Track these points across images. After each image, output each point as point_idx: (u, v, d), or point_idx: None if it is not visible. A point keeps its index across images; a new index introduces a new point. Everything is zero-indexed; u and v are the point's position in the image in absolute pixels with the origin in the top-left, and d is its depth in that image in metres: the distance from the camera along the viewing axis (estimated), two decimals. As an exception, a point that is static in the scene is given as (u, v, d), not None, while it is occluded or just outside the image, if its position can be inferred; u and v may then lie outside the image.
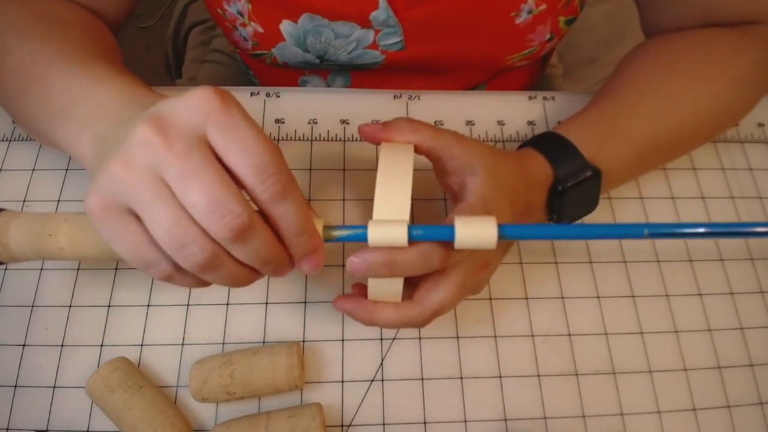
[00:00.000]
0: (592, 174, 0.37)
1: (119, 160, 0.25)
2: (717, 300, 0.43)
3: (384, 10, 0.45)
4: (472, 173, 0.33)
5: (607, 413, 0.39)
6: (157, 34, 1.48)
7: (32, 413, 0.37)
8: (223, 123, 0.25)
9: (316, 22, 0.47)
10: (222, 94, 0.26)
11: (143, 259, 0.27)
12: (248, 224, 0.26)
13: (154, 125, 0.25)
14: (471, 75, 0.56)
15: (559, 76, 0.77)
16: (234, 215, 0.25)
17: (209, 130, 0.26)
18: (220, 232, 0.25)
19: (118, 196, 0.26)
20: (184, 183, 0.25)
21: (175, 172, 0.25)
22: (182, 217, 0.25)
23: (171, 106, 0.26)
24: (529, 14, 0.47)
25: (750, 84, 0.43)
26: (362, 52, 0.50)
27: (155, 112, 0.26)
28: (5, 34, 0.38)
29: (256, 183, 0.26)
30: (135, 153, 0.25)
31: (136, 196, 0.25)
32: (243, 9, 0.48)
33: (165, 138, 0.25)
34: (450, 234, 0.29)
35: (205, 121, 0.25)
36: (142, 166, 0.25)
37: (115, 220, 0.26)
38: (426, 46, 0.49)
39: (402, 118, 0.35)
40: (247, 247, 0.27)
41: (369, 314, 0.33)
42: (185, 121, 0.25)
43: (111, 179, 0.25)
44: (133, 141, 0.25)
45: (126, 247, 0.27)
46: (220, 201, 0.25)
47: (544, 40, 0.50)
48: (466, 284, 0.33)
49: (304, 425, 0.34)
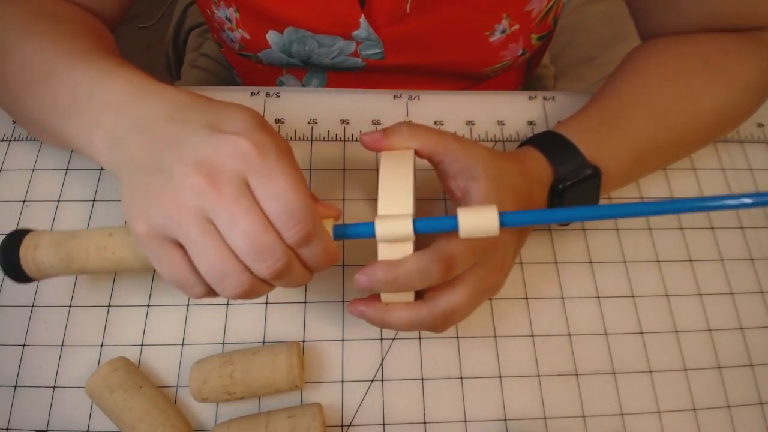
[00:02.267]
0: (592, 173, 0.37)
1: (172, 203, 0.28)
2: (717, 300, 0.43)
3: (365, 29, 0.47)
4: (475, 178, 0.33)
5: (607, 413, 0.39)
6: (157, 33, 1.48)
7: (32, 413, 0.37)
8: (260, 171, 0.28)
9: (301, 33, 0.49)
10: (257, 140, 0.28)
11: (182, 282, 0.30)
12: (287, 266, 0.29)
13: (205, 174, 0.28)
14: (449, 81, 0.57)
15: (551, 77, 0.77)
16: (275, 260, 0.28)
17: (250, 177, 0.28)
18: (264, 273, 0.29)
19: (167, 229, 0.28)
20: (232, 228, 0.28)
21: (224, 217, 0.28)
22: (225, 254, 0.28)
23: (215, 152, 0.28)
24: (502, 33, 0.49)
25: (753, 89, 0.43)
26: (344, 59, 0.52)
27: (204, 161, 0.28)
28: (6, 32, 0.38)
29: (284, 229, 0.28)
30: (187, 198, 0.28)
31: (184, 233, 0.28)
32: (231, 16, 0.49)
33: (215, 186, 0.27)
34: (453, 224, 0.30)
35: (246, 167, 0.28)
36: (193, 209, 0.28)
37: (159, 246, 0.29)
38: (404, 56, 0.51)
39: (402, 123, 0.35)
40: (283, 282, 0.30)
41: (381, 314, 0.34)
42: (230, 167, 0.28)
43: (162, 214, 0.28)
44: (186, 186, 0.28)
45: (167, 270, 0.30)
46: (264, 247, 0.28)
47: (516, 56, 0.52)
48: (481, 288, 0.33)
49: (304, 425, 0.34)
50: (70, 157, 0.45)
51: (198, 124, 0.30)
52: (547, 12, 0.49)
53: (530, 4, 0.47)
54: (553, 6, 0.49)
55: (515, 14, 0.48)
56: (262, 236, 0.28)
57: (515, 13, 0.47)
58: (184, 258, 0.29)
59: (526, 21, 0.48)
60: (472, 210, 0.30)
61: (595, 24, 0.84)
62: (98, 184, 0.44)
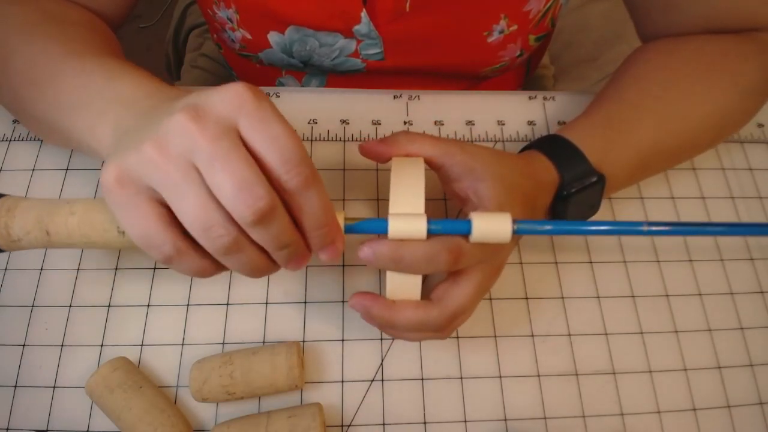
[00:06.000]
0: (597, 180, 0.37)
1: (153, 143, 0.26)
2: (717, 300, 0.43)
3: (366, 24, 0.47)
4: (480, 179, 0.33)
5: (607, 413, 0.39)
6: (157, 34, 1.48)
7: (32, 413, 0.37)
8: (254, 115, 0.26)
9: (302, 32, 0.49)
10: (255, 90, 0.27)
11: (150, 238, 0.27)
12: (271, 207, 0.26)
13: (191, 113, 0.26)
14: (447, 83, 0.57)
15: (551, 77, 0.77)
16: (258, 197, 0.26)
17: (240, 121, 0.26)
18: (244, 213, 0.26)
19: (145, 176, 0.26)
20: (213, 164, 0.26)
21: (205, 154, 0.26)
22: (209, 201, 0.26)
23: (206, 97, 0.27)
24: (500, 34, 0.49)
25: (755, 91, 0.43)
26: (344, 60, 0.52)
27: (191, 102, 0.27)
28: (12, 33, 0.38)
29: (282, 172, 0.27)
30: (169, 138, 0.26)
31: (166, 178, 0.26)
32: (232, 16, 0.49)
33: (199, 124, 0.26)
34: (467, 228, 0.30)
35: (237, 112, 0.26)
36: (176, 150, 0.26)
37: (130, 196, 0.27)
38: (403, 57, 0.51)
39: (400, 133, 0.35)
40: (267, 231, 0.27)
41: (388, 311, 0.32)
42: (219, 110, 0.26)
43: (142, 160, 0.26)
44: (169, 127, 0.26)
45: (133, 221, 0.27)
46: (245, 183, 0.26)
47: (514, 56, 0.52)
48: (484, 287, 0.33)
49: (304, 425, 0.34)
50: (70, 157, 0.45)
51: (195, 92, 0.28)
52: (545, 12, 0.49)
53: (528, 5, 0.47)
54: (551, 6, 0.49)
55: (513, 15, 0.48)
56: (244, 172, 0.26)
57: (513, 13, 0.48)
58: (158, 210, 0.27)
59: (524, 21, 0.49)
60: (486, 216, 0.30)
61: (595, 24, 0.84)
62: (98, 184, 0.44)
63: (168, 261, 0.28)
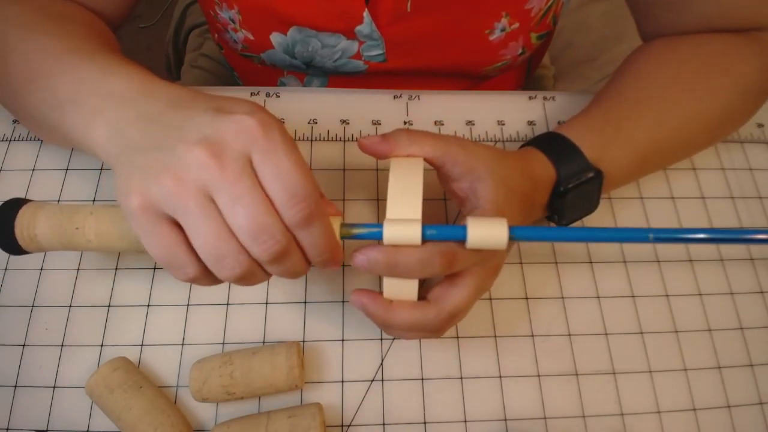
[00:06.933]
0: (594, 176, 0.37)
1: (172, 176, 0.27)
2: (717, 300, 0.43)
3: (368, 24, 0.47)
4: (480, 179, 0.33)
5: (607, 413, 0.39)
6: (157, 34, 1.48)
7: (32, 413, 0.37)
8: (265, 148, 0.28)
9: (305, 33, 0.49)
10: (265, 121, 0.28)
11: (172, 261, 0.29)
12: (285, 250, 0.28)
13: (208, 149, 0.27)
14: (448, 83, 0.57)
15: (551, 77, 0.77)
16: (274, 242, 0.28)
17: (253, 155, 0.28)
18: (261, 255, 0.28)
19: (164, 206, 0.28)
20: (234, 207, 0.27)
21: (226, 194, 0.27)
22: (224, 233, 0.27)
23: (220, 130, 0.28)
24: (502, 32, 0.49)
25: (755, 90, 0.43)
26: (346, 62, 0.52)
27: (208, 137, 0.28)
28: (9, 29, 0.38)
29: (285, 208, 0.28)
30: (189, 172, 0.27)
31: (183, 209, 0.27)
32: (234, 17, 0.49)
33: (219, 162, 0.27)
34: (462, 234, 0.30)
35: (251, 145, 0.28)
36: (194, 184, 0.27)
37: (152, 222, 0.28)
38: (405, 58, 0.51)
39: (400, 130, 0.35)
40: (280, 267, 0.30)
41: (384, 311, 0.33)
42: (234, 146, 0.28)
43: (161, 190, 0.27)
44: (188, 161, 0.27)
45: (157, 248, 0.28)
46: (263, 227, 0.27)
47: (516, 55, 0.52)
48: (481, 288, 0.33)
49: (304, 425, 0.34)
50: (70, 157, 0.45)
51: (202, 108, 0.29)
52: (547, 11, 0.49)
53: (530, 3, 0.47)
54: (552, 5, 0.49)
55: (515, 13, 0.48)
56: (264, 216, 0.27)
57: (515, 11, 0.48)
58: (179, 236, 0.28)
59: (525, 19, 0.48)
60: (481, 221, 0.30)
61: (595, 24, 0.84)
62: (98, 184, 0.44)
63: (191, 281, 0.30)
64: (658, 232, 0.31)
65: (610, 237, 0.32)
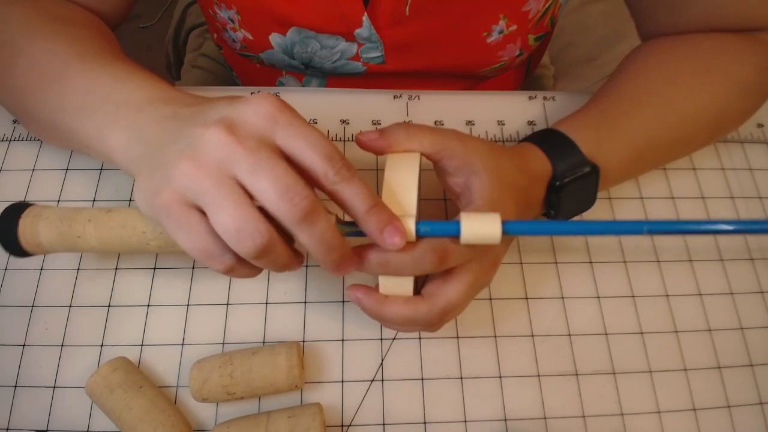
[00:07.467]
0: (590, 170, 0.37)
1: (190, 159, 0.27)
2: (717, 300, 0.43)
3: (367, 27, 0.47)
4: (474, 173, 0.33)
5: (607, 413, 0.39)
6: (157, 34, 1.48)
7: (32, 413, 0.37)
8: (290, 124, 0.28)
9: (304, 34, 0.49)
10: (281, 101, 0.29)
11: (207, 251, 0.29)
12: (314, 205, 0.28)
13: (226, 128, 0.27)
14: (447, 83, 0.57)
15: (551, 77, 0.77)
16: (302, 197, 0.27)
17: (277, 133, 0.28)
18: (291, 212, 0.27)
19: (188, 193, 0.27)
20: (255, 173, 0.27)
21: (246, 165, 0.27)
22: (243, 206, 0.27)
23: (237, 111, 0.28)
24: (500, 34, 0.49)
25: (753, 89, 0.43)
26: (345, 63, 0.52)
27: (225, 117, 0.28)
28: (14, 33, 0.38)
29: (329, 169, 0.28)
30: (207, 152, 0.27)
31: (203, 190, 0.27)
32: (233, 17, 0.49)
33: (235, 138, 0.27)
34: (456, 229, 0.30)
35: (272, 125, 0.28)
36: (212, 163, 0.27)
37: (182, 214, 0.28)
38: (404, 60, 0.51)
39: (398, 125, 0.35)
40: (312, 230, 0.28)
41: (378, 305, 0.33)
42: (254, 123, 0.28)
43: (183, 176, 0.27)
44: (206, 141, 0.27)
45: (191, 240, 0.28)
46: (289, 185, 0.27)
47: (514, 56, 0.52)
48: (477, 284, 0.33)
49: (304, 425, 0.34)
50: (70, 157, 0.45)
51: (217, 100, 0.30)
52: (545, 12, 0.49)
53: (527, 5, 0.47)
54: (550, 6, 0.49)
55: (513, 15, 0.48)
56: (287, 176, 0.27)
57: (513, 13, 0.48)
58: (205, 222, 0.28)
59: (523, 21, 0.49)
60: (475, 216, 0.30)
61: (595, 24, 0.84)
62: (98, 184, 0.44)
63: (230, 271, 0.30)
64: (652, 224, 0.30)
65: (604, 230, 0.31)
